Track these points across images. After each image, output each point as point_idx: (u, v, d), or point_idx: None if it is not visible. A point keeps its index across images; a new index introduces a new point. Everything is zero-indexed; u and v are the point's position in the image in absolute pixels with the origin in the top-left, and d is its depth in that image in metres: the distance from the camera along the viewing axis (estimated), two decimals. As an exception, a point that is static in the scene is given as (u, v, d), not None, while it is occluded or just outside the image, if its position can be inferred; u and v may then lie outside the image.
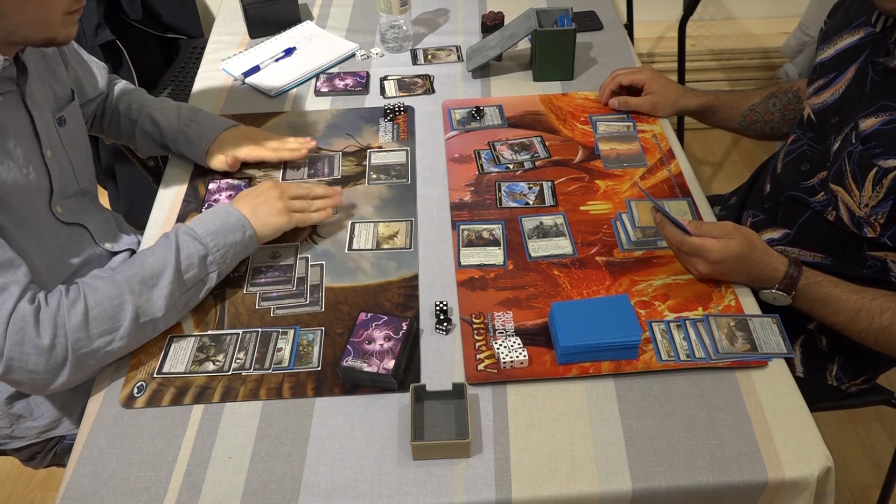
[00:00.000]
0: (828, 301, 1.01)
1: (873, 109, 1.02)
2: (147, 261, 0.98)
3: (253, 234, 1.06)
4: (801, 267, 1.02)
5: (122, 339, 0.94)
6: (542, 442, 0.89)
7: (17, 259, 0.92)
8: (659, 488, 0.85)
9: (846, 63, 1.10)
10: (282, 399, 0.95)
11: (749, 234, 1.02)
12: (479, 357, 0.98)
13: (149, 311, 0.96)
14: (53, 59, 1.12)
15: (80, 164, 1.15)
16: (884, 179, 0.99)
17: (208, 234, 1.02)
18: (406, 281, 1.09)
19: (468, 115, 1.39)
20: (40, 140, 1.04)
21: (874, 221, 1.03)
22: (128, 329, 0.94)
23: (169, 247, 0.99)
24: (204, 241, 1.01)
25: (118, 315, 0.94)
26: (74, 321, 0.91)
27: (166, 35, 2.11)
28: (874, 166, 1.00)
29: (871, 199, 1.02)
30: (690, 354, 0.97)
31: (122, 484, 0.87)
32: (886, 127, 1.00)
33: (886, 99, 1.01)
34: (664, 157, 1.29)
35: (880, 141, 1.01)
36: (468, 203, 1.21)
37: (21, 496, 1.75)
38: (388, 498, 0.85)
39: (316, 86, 1.50)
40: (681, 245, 1.04)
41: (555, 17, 1.46)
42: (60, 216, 1.09)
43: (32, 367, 0.90)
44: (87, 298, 0.92)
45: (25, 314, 0.89)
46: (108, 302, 0.93)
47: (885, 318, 0.98)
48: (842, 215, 1.09)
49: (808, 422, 0.90)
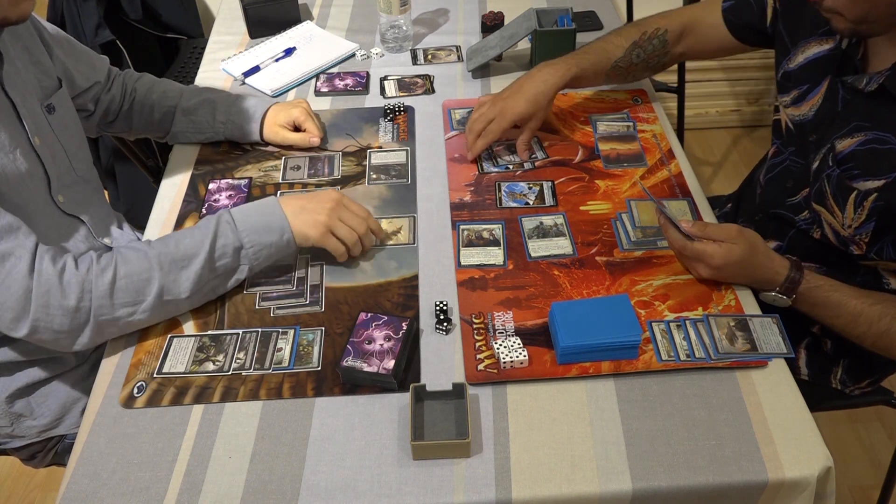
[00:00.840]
0: (828, 304, 1.01)
1: (848, 130, 1.02)
2: (183, 241, 1.00)
3: (291, 239, 1.05)
4: (802, 270, 1.02)
5: (144, 313, 0.98)
6: (542, 442, 0.89)
7: (16, 221, 0.93)
8: (659, 488, 0.85)
9: (818, 75, 1.08)
10: (282, 399, 0.95)
11: (752, 238, 1.01)
12: (479, 357, 0.98)
13: (174, 291, 0.99)
14: (37, 50, 1.12)
15: (74, 150, 1.15)
16: (864, 202, 1.00)
17: (247, 229, 1.03)
18: (406, 281, 1.09)
19: (468, 115, 1.39)
20: (26, 127, 1.03)
21: (859, 241, 1.04)
22: (151, 304, 0.97)
23: (208, 232, 1.01)
24: (240, 236, 1.02)
25: (144, 290, 0.97)
26: (101, 288, 0.94)
27: (166, 35, 2.11)
28: (853, 189, 1.00)
29: (854, 221, 1.02)
30: (690, 354, 0.97)
31: (122, 484, 0.87)
32: (862, 148, 1.00)
33: (859, 119, 1.00)
34: (664, 157, 1.29)
35: (857, 162, 1.00)
36: (468, 203, 1.21)
37: (21, 496, 1.75)
38: (388, 498, 0.85)
39: (316, 86, 1.50)
40: (683, 249, 1.04)
41: (555, 17, 1.46)
42: (62, 205, 1.09)
43: (58, 328, 0.94)
44: (118, 268, 0.95)
45: (50, 277, 0.92)
46: (136, 276, 0.96)
47: (884, 324, 0.98)
48: (827, 234, 1.09)
49: (808, 422, 0.90)
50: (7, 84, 1.02)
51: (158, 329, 1.03)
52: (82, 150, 1.18)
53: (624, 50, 1.27)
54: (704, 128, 2.63)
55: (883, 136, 0.97)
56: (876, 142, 0.98)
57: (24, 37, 1.10)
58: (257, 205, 1.07)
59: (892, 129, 0.97)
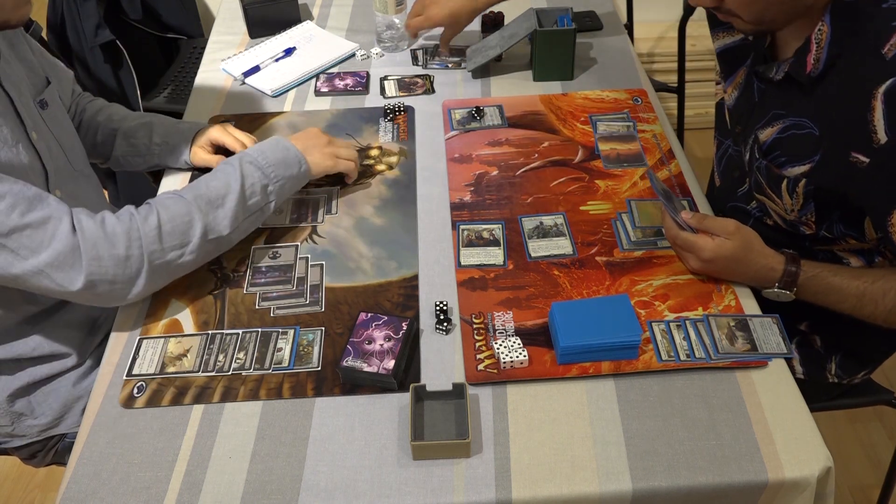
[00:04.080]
0: (830, 291, 1.01)
1: (767, 119, 1.04)
2: (212, 184, 1.05)
3: (308, 169, 1.15)
4: (799, 262, 1.01)
5: (192, 254, 1.02)
6: (542, 442, 0.89)
7: (43, 192, 0.95)
8: (659, 488, 0.85)
9: (734, 64, 1.11)
10: (282, 399, 0.95)
11: (748, 235, 1.01)
12: (479, 357, 0.98)
13: (216, 229, 1.03)
14: (22, 48, 1.13)
15: (69, 145, 1.15)
16: (797, 188, 1.01)
17: (270, 164, 1.09)
18: (406, 281, 1.09)
19: (468, 115, 1.39)
20: (24, 121, 1.04)
21: (806, 221, 1.06)
22: (197, 244, 1.01)
23: (234, 173, 1.06)
24: (266, 171, 1.09)
25: (188, 231, 1.01)
26: (149, 234, 0.97)
27: (166, 35, 2.11)
28: (783, 177, 1.02)
29: (794, 205, 1.04)
30: (690, 354, 0.97)
31: (122, 484, 0.87)
32: (783, 136, 1.02)
33: (775, 108, 1.03)
34: (664, 157, 1.29)
35: (782, 150, 1.03)
36: (468, 203, 1.21)
37: (21, 496, 1.75)
38: (388, 498, 0.85)
39: (316, 86, 1.50)
40: (675, 239, 1.05)
41: (555, 17, 1.46)
42: (59, 200, 1.09)
43: (112, 278, 0.96)
44: (161, 214, 0.99)
45: (93, 230, 0.95)
46: (179, 218, 1.00)
47: (889, 300, 0.98)
48: (776, 220, 1.11)
49: (808, 422, 0.90)
50: (4, 80, 1.02)
51: (158, 329, 1.03)
52: (77, 145, 1.19)
53: None
54: (704, 128, 2.63)
55: (799, 122, 1.00)
56: (794, 127, 1.01)
57: (10, 34, 1.10)
58: (269, 144, 1.14)
59: (805, 113, 0.99)
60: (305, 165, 1.14)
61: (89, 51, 1.84)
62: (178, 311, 1.06)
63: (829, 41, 0.92)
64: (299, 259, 1.13)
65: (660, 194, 1.07)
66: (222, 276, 1.11)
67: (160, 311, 1.06)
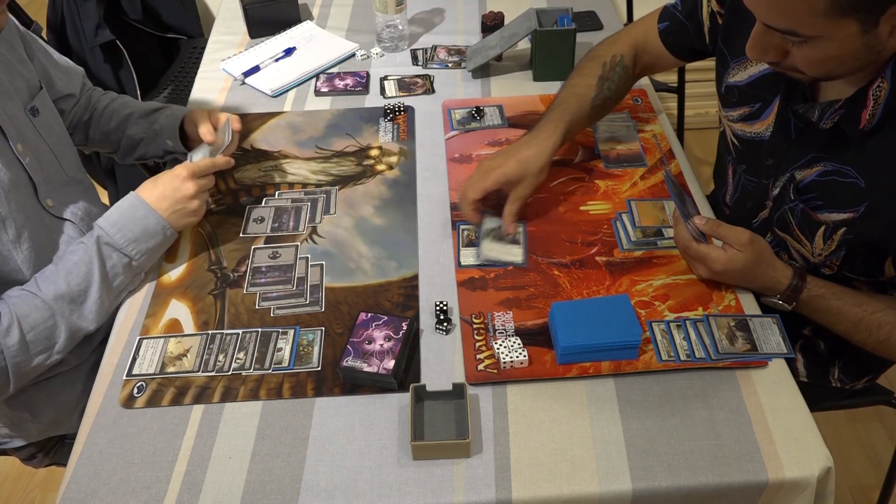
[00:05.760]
0: (829, 312, 1.01)
1: (806, 160, 1.00)
2: (72, 279, 1.00)
3: (174, 233, 1.10)
4: (805, 279, 1.01)
5: (59, 353, 1.01)
6: (542, 442, 0.89)
7: None
8: (659, 488, 0.85)
9: (768, 94, 1.05)
10: (282, 399, 0.95)
11: (761, 247, 1.00)
12: (479, 357, 0.98)
13: (82, 326, 1.01)
14: (20, 49, 1.12)
15: (61, 151, 1.14)
16: (834, 235, 0.99)
17: (129, 242, 1.04)
18: (406, 281, 1.09)
19: (468, 115, 1.39)
20: (7, 134, 1.02)
21: (830, 264, 1.04)
22: (63, 345, 1.00)
23: (93, 260, 1.01)
24: (126, 251, 1.04)
25: (52, 335, 0.99)
26: (12, 347, 0.95)
27: (166, 35, 2.11)
28: (821, 223, 1.00)
29: (825, 251, 1.02)
30: (690, 354, 0.97)
31: (122, 484, 0.87)
32: (823, 179, 0.99)
33: (816, 150, 0.99)
34: (664, 157, 1.29)
35: (819, 193, 0.99)
36: (468, 203, 1.21)
37: (21, 496, 1.75)
38: (388, 498, 0.85)
39: (316, 86, 1.50)
40: (687, 249, 1.04)
41: (555, 17, 1.46)
42: (51, 209, 1.09)
43: None
44: (22, 324, 0.96)
45: None
46: (41, 325, 0.97)
47: (883, 332, 0.98)
48: (795, 258, 1.09)
49: (808, 422, 0.90)
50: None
51: (158, 329, 1.03)
52: (69, 150, 1.18)
53: (595, 88, 1.23)
54: (704, 128, 2.62)
55: (842, 169, 0.96)
56: (836, 174, 0.97)
57: (5, 35, 1.09)
58: (124, 212, 1.05)
59: (850, 162, 0.95)
60: (171, 231, 1.08)
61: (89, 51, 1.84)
62: (178, 311, 1.06)
63: (888, 97, 0.89)
64: (299, 259, 1.13)
65: (673, 195, 1.05)
66: (222, 276, 1.11)
67: (160, 311, 1.06)
